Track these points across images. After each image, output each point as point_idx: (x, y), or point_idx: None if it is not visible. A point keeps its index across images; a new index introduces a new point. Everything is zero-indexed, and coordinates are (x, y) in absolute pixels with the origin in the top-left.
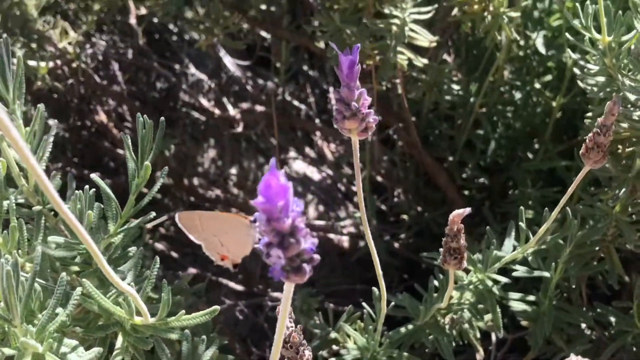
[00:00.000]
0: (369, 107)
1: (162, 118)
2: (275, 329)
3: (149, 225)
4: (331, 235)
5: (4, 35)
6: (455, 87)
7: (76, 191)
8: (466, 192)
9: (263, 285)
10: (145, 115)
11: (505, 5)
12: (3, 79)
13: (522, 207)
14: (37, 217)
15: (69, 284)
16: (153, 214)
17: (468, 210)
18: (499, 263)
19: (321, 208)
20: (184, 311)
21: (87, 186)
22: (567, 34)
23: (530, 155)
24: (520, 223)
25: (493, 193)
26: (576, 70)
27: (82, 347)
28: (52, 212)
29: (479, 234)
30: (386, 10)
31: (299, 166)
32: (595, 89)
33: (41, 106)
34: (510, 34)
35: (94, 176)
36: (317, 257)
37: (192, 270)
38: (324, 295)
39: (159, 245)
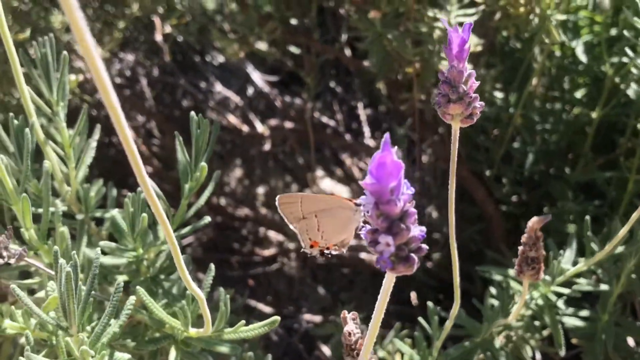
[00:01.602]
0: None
1: (217, 120)
2: (309, 349)
3: None
4: (362, 255)
5: (50, 35)
6: (499, 95)
7: (129, 193)
8: (503, 208)
9: (293, 307)
10: (200, 115)
11: (553, 7)
12: (47, 80)
13: (587, 217)
14: (80, 226)
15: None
16: (208, 218)
17: (549, 216)
18: (563, 276)
19: None
20: (243, 321)
21: (139, 188)
22: (624, 32)
23: (567, 170)
24: (588, 233)
25: (531, 208)
26: (634, 71)
27: None
28: (94, 222)
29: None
30: (430, 13)
31: (327, 185)
32: None
33: (85, 107)
34: (557, 37)
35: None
36: (425, 247)
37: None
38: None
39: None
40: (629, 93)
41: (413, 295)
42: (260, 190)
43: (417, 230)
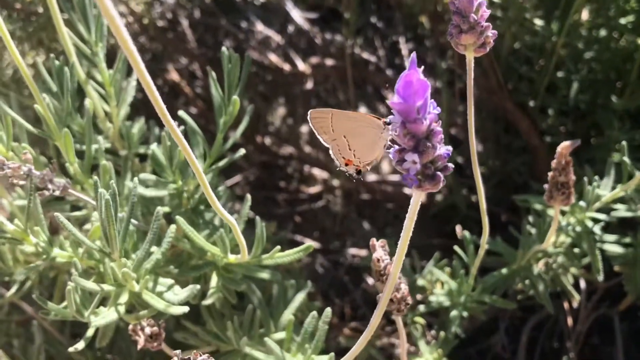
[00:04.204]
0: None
1: (248, 53)
2: (355, 282)
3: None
4: (406, 190)
5: None
6: (538, 22)
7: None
8: (548, 139)
9: (339, 242)
10: (230, 49)
11: None
12: (85, 21)
13: (624, 142)
14: (124, 161)
15: (159, 228)
16: (243, 150)
17: (578, 141)
18: (600, 202)
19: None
20: (279, 247)
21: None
22: None
23: (614, 99)
24: (624, 158)
25: (577, 138)
26: None
27: (177, 286)
28: (138, 158)
29: None
30: None
31: None
32: None
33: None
34: None
35: (182, 113)
36: (451, 165)
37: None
38: None
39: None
40: None
41: (458, 229)
42: (304, 128)
43: (444, 149)
